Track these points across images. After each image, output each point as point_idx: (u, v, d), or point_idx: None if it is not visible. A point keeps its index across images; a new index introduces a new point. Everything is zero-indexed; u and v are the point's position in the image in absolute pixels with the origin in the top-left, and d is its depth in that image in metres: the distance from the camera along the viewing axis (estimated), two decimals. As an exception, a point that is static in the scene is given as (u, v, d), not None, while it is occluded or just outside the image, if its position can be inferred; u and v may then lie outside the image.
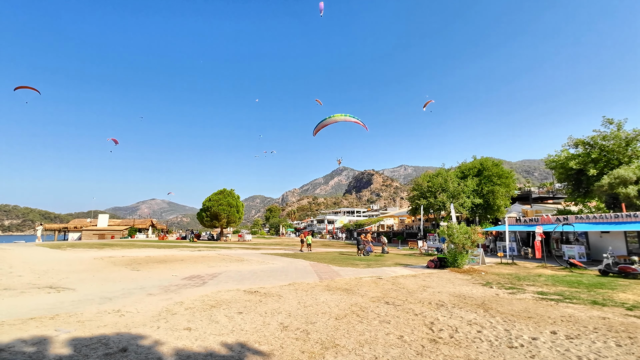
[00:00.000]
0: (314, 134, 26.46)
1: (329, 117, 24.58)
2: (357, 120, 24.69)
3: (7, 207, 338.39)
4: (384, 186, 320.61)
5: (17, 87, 23.99)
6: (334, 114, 24.19)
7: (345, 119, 24.48)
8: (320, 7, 25.49)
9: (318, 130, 25.84)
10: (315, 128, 25.69)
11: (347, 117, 24.28)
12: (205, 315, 6.27)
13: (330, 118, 24.40)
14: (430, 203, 34.97)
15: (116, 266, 14.68)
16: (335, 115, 24.27)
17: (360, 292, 8.79)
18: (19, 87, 23.99)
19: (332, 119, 24.40)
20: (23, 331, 5.18)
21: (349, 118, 24.35)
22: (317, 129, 25.69)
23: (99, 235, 54.62)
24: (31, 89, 24.56)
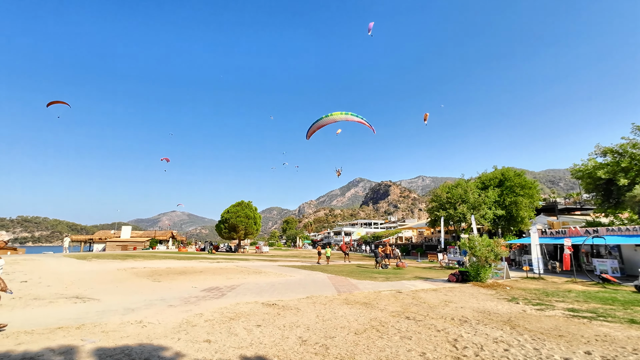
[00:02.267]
0: (308, 137, 22.25)
1: (325, 116, 20.47)
2: (361, 120, 20.69)
3: (37, 219, 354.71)
4: (402, 197, 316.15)
5: (49, 103, 24.65)
6: (331, 113, 20.38)
7: (347, 118, 20.74)
8: (369, 27, 25.21)
9: (313, 132, 22.00)
10: (309, 130, 21.71)
11: (348, 116, 20.55)
12: (225, 327, 6.29)
13: (327, 117, 20.50)
14: (450, 214, 34.15)
15: (138, 277, 15.01)
16: (334, 114, 20.35)
17: (379, 306, 8.61)
18: (51, 103, 24.66)
19: (330, 119, 20.61)
20: (51, 340, 5.35)
21: (352, 117, 20.57)
22: (312, 130, 21.76)
23: (122, 246, 56.19)
24: (62, 103, 25.19)
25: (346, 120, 20.98)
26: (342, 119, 20.66)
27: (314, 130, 21.78)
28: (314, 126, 21.23)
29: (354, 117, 20.68)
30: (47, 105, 24.62)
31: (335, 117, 20.49)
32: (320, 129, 21.75)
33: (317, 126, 21.14)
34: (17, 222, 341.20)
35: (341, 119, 20.62)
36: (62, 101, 24.92)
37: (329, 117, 20.51)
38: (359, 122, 20.92)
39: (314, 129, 21.55)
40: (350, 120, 20.97)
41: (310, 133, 22.02)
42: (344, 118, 20.60)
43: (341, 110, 20.30)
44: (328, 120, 20.85)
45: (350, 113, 20.44)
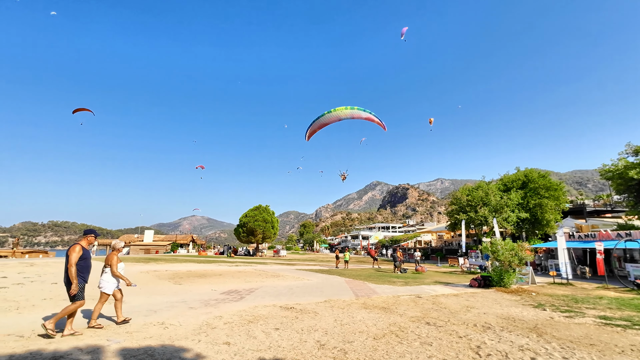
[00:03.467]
0: (308, 138, 19.37)
1: (327, 112, 17.58)
2: (370, 116, 17.76)
3: (66, 223, 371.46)
4: (420, 200, 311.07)
5: (75, 110, 25.13)
6: (335, 108, 17.51)
7: (353, 115, 17.78)
8: (403, 32, 24.52)
9: (313, 132, 19.09)
10: (309, 129, 18.78)
11: (354, 112, 17.63)
12: (244, 330, 6.35)
13: (329, 114, 17.58)
14: (471, 218, 33.28)
15: (160, 280, 15.41)
16: (338, 109, 17.46)
17: (398, 311, 8.46)
18: (76, 110, 25.14)
19: (333, 116, 17.71)
20: (79, 340, 5.56)
21: (359, 113, 17.68)
22: (312, 130, 18.85)
23: (145, 250, 57.91)
24: (86, 111, 25.63)
25: (352, 117, 18.02)
26: (347, 115, 17.82)
27: (315, 130, 18.97)
28: (314, 125, 18.45)
29: (361, 113, 17.76)
30: (73, 112, 25.17)
31: (339, 114, 17.68)
32: (322, 128, 18.86)
33: (319, 125, 18.42)
34: (48, 227, 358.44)
35: (346, 115, 17.83)
36: (86, 108, 25.44)
37: (331, 114, 17.70)
38: (368, 118, 18.04)
39: (315, 129, 18.80)
40: (357, 117, 18.02)
41: (311, 133, 19.20)
42: (350, 114, 17.81)
43: (346, 105, 17.68)
44: (331, 118, 17.96)
45: (357, 108, 17.57)
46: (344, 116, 17.83)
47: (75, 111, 25.08)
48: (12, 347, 5.09)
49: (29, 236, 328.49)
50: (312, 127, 18.61)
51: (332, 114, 17.64)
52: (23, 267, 20.37)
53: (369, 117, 17.91)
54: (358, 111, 17.69)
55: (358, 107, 17.61)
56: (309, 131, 18.90)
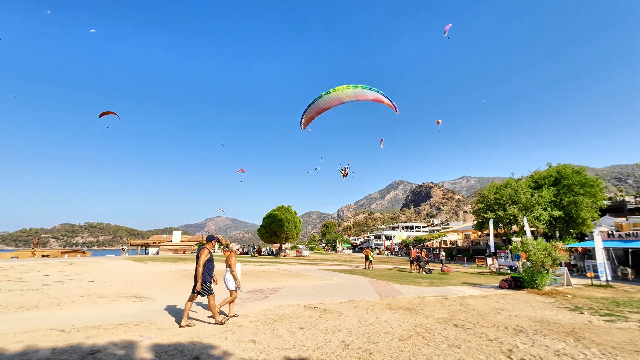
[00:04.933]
0: (303, 126, 16.62)
1: (326, 93, 14.73)
2: (378, 96, 14.84)
3: (101, 225, 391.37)
4: (445, 199, 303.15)
5: (101, 114, 25.27)
6: (335, 88, 14.57)
7: (358, 96, 14.86)
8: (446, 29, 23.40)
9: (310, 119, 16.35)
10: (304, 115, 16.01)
11: (358, 92, 14.63)
12: (269, 329, 6.43)
13: (328, 95, 14.72)
14: (499, 216, 32.06)
15: (188, 279, 15.89)
16: (339, 88, 14.49)
17: (424, 312, 8.28)
18: (103, 114, 25.28)
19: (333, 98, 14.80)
20: (114, 335, 5.83)
21: (364, 93, 14.70)
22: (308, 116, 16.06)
23: (173, 250, 60.03)
24: (112, 114, 25.69)
25: (356, 98, 15.05)
26: (351, 96, 14.89)
27: (312, 117, 16.20)
28: (310, 110, 15.60)
29: (366, 92, 14.75)
30: (100, 116, 25.36)
31: (340, 95, 14.77)
32: (321, 113, 16.01)
33: (316, 110, 15.57)
34: (85, 228, 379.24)
35: (349, 97, 14.89)
36: (112, 112, 25.68)
37: (331, 96, 14.76)
38: (376, 99, 15.08)
39: (312, 115, 16.01)
40: (362, 98, 15.06)
41: (306, 120, 16.45)
42: (353, 95, 14.86)
43: (348, 84, 14.68)
44: (331, 101, 15.10)
45: (361, 86, 14.52)
46: (346, 98, 14.99)
47: (102, 115, 25.39)
48: (54, 341, 5.42)
49: (67, 237, 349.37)
50: (307, 113, 15.84)
51: (331, 95, 14.73)
52: (63, 266, 21.67)
53: (377, 98, 14.98)
54: (363, 90, 14.69)
55: (363, 86, 14.57)
56: (305, 118, 16.21)
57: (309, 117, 16.20)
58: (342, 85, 14.57)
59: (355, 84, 14.60)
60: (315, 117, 16.20)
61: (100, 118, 25.59)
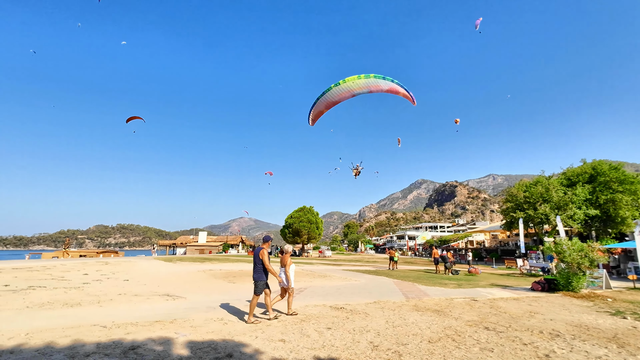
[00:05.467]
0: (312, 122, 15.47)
1: (335, 85, 13.57)
2: (393, 87, 13.61)
3: (131, 226, 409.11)
4: (470, 198, 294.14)
5: (128, 119, 26.09)
6: (345, 79, 13.37)
7: (370, 87, 13.66)
8: (477, 23, 23.63)
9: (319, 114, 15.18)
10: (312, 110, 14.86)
11: (370, 82, 13.44)
12: (297, 328, 6.53)
13: (337, 87, 13.55)
14: (530, 216, 30.78)
15: (215, 278, 16.37)
16: (349, 79, 13.27)
17: (453, 314, 8.11)
18: (129, 119, 26.10)
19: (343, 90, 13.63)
20: (151, 332, 6.13)
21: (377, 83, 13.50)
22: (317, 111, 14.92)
23: (199, 250, 61.83)
24: (138, 119, 26.52)
25: (369, 90, 13.88)
26: (362, 88, 13.68)
27: (321, 111, 15.02)
28: (319, 104, 14.47)
29: (379, 83, 13.49)
30: (126, 121, 26.22)
31: (350, 87, 13.52)
32: (330, 108, 14.80)
33: (325, 104, 14.47)
34: (117, 229, 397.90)
35: (360, 88, 13.67)
36: (138, 116, 26.44)
37: (340, 88, 13.62)
38: (391, 90, 13.82)
39: (321, 109, 14.83)
40: (375, 89, 13.85)
41: (315, 116, 15.22)
42: (365, 86, 13.63)
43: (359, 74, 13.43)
44: (341, 93, 13.89)
45: (374, 75, 13.27)
46: (357, 89, 13.75)
47: (128, 120, 26.21)
48: (98, 336, 5.77)
49: (101, 238, 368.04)
50: (316, 107, 14.71)
51: (341, 87, 13.58)
52: (100, 265, 22.88)
53: (391, 89, 13.68)
54: (376, 80, 13.40)
55: (376, 75, 13.41)
56: (312, 113, 15.04)
57: (318, 111, 15.01)
58: (353, 76, 13.38)
59: (367, 74, 13.37)
60: (324, 111, 15.02)
61: (127, 123, 26.49)
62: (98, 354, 4.88)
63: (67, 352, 4.94)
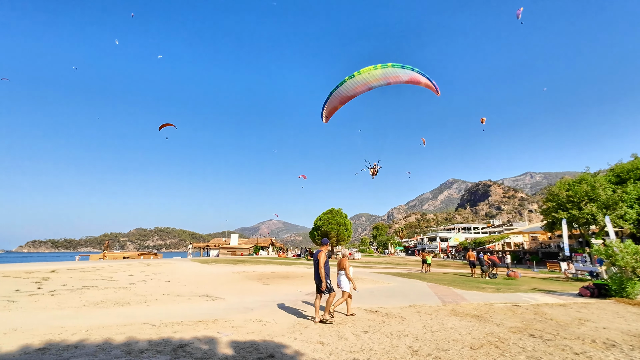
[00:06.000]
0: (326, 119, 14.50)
1: (349, 77, 12.39)
2: (414, 76, 12.38)
3: (168, 229, 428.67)
4: (506, 198, 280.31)
5: (161, 126, 27.04)
6: (360, 70, 12.15)
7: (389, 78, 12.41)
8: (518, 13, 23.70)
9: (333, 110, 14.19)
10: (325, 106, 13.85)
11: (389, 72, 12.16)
12: (334, 331, 6.60)
13: (352, 80, 12.39)
14: (574, 216, 28.90)
15: (250, 280, 16.83)
16: (364, 70, 12.07)
17: (494, 320, 7.82)
18: (162, 126, 27.02)
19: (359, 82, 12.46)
20: (196, 331, 6.45)
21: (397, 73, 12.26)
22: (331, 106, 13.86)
23: (231, 252, 63.67)
24: (170, 126, 27.54)
25: (387, 82, 12.68)
26: (380, 80, 12.46)
27: (335, 107, 14.00)
28: (332, 99, 13.44)
29: (398, 73, 12.23)
30: (159, 128, 27.16)
31: (366, 79, 12.32)
32: (345, 103, 13.79)
33: (339, 99, 13.44)
34: (154, 232, 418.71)
35: (378, 80, 12.47)
36: (170, 123, 27.60)
37: (355, 80, 12.39)
38: (411, 81, 12.61)
39: (335, 105, 13.80)
40: (394, 81, 12.63)
41: (329, 112, 14.23)
42: (383, 78, 12.41)
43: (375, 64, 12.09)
44: (356, 87, 12.71)
45: (392, 65, 11.97)
46: (374, 82, 12.56)
47: (161, 127, 27.23)
48: (148, 334, 6.17)
49: (140, 240, 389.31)
50: (329, 103, 13.70)
51: (356, 79, 12.38)
52: (142, 267, 24.25)
53: (412, 79, 12.39)
54: (394, 70, 12.04)
55: (394, 64, 11.96)
56: (326, 109, 14.05)
57: (332, 107, 13.97)
58: (369, 67, 12.08)
59: (384, 63, 11.93)
60: (339, 107, 13.99)
61: (160, 130, 27.70)
62: (151, 350, 5.23)
63: (124, 348, 5.33)
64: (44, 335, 6.02)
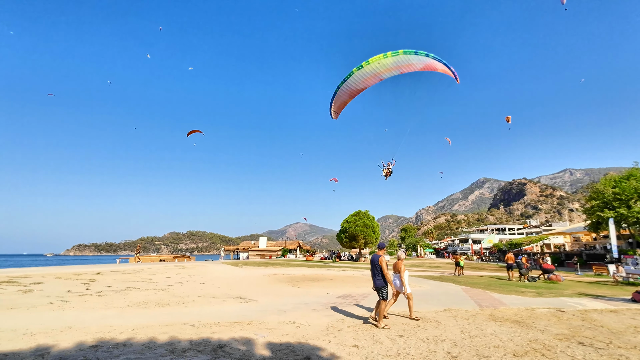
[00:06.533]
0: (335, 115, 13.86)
1: (357, 68, 11.70)
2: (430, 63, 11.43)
3: (199, 232, 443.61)
4: (543, 197, 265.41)
5: (189, 133, 27.72)
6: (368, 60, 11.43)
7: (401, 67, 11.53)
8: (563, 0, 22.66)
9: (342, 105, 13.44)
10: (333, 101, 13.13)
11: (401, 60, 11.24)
12: (368, 334, 6.55)
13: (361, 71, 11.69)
14: (622, 215, 26.85)
15: (280, 282, 17.06)
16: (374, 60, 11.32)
17: (537, 326, 7.42)
18: (190, 132, 27.68)
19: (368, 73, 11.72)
20: (233, 332, 6.64)
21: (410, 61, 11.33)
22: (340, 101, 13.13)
23: (260, 255, 64.86)
24: (198, 132, 28.04)
25: (399, 71, 11.76)
26: (391, 68, 11.57)
27: (344, 102, 13.19)
28: (340, 94, 12.71)
29: (411, 60, 11.29)
30: (187, 134, 27.87)
31: (376, 69, 11.52)
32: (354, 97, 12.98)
33: (348, 93, 12.64)
34: (187, 236, 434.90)
35: (389, 69, 11.60)
36: (197, 130, 28.12)
37: (364, 72, 11.66)
38: (427, 67, 11.63)
39: (344, 99, 13.02)
40: (407, 69, 11.69)
41: (338, 107, 13.48)
42: (395, 67, 11.50)
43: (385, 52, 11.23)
44: (366, 78, 11.92)
45: (403, 51, 11.03)
46: (385, 72, 11.69)
47: (189, 133, 27.90)
48: (189, 334, 6.43)
49: (174, 243, 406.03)
50: (337, 98, 12.95)
51: (364, 70, 11.60)
52: (178, 269, 25.29)
53: (428, 65, 11.45)
54: (407, 57, 11.13)
55: (406, 51, 11.01)
56: (334, 105, 13.33)
57: (341, 102, 13.13)
58: (378, 55, 11.22)
59: (394, 51, 11.03)
60: (348, 101, 13.19)
61: (188, 136, 28.28)
62: (192, 350, 5.45)
63: (167, 347, 5.60)
64: (95, 333, 6.44)
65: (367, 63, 11.57)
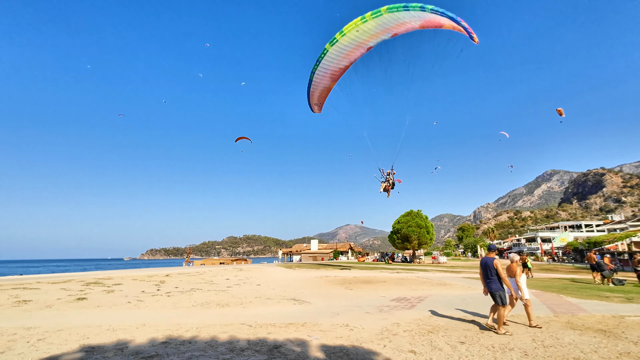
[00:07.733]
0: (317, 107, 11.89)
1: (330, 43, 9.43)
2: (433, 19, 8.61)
3: (254, 236, 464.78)
4: (627, 188, 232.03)
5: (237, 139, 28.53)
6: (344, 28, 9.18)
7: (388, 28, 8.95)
8: None
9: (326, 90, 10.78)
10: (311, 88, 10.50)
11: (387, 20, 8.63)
12: (425, 340, 6.23)
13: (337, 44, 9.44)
14: None
15: (333, 285, 17.10)
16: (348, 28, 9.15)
17: (629, 337, 6.43)
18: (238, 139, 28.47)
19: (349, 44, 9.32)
20: (288, 333, 6.77)
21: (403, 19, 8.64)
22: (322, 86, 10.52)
23: (312, 257, 65.79)
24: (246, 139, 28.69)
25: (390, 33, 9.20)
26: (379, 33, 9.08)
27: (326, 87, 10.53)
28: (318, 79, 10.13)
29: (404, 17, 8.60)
30: (235, 140, 28.73)
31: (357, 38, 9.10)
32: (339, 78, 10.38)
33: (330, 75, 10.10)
34: (244, 240, 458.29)
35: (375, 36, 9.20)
36: (246, 137, 28.80)
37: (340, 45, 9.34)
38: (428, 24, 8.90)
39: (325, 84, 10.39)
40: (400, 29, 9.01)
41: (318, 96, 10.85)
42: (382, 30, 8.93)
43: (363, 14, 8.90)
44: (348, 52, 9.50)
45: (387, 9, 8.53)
46: (371, 39, 9.19)
47: (237, 139, 28.65)
48: (246, 334, 6.70)
49: (232, 247, 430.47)
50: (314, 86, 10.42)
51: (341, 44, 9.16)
52: (236, 272, 26.72)
53: (428, 22, 8.76)
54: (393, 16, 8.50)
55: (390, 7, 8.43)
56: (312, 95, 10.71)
57: (322, 89, 10.48)
58: (355, 19, 8.95)
59: (375, 10, 8.48)
60: (332, 86, 10.49)
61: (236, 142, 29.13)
62: (250, 349, 5.66)
63: (227, 346, 5.89)
64: (165, 330, 7.02)
65: (341, 34, 9.60)
